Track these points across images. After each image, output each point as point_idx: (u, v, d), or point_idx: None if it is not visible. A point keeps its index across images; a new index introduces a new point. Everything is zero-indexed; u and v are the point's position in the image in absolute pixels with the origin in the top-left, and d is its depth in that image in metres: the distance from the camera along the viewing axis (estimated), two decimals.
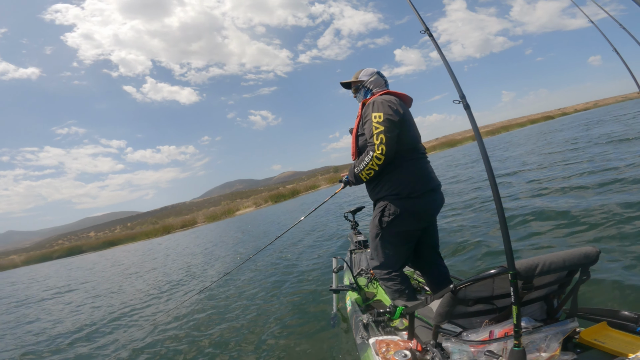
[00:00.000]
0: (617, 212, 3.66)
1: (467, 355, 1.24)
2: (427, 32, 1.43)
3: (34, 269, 31.44)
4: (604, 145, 8.82)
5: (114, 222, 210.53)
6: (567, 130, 18.67)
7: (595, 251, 1.25)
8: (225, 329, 3.34)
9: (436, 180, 2.03)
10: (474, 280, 1.20)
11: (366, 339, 1.80)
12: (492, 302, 1.33)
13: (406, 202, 1.91)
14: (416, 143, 2.02)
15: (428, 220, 2.04)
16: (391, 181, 1.94)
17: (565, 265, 1.20)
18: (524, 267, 1.13)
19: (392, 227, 1.96)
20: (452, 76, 1.28)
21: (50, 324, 5.66)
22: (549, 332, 1.24)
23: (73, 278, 13.33)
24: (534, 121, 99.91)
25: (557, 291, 1.40)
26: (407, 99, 2.08)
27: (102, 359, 3.45)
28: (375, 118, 1.87)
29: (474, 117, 1.24)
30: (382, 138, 1.84)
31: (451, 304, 1.26)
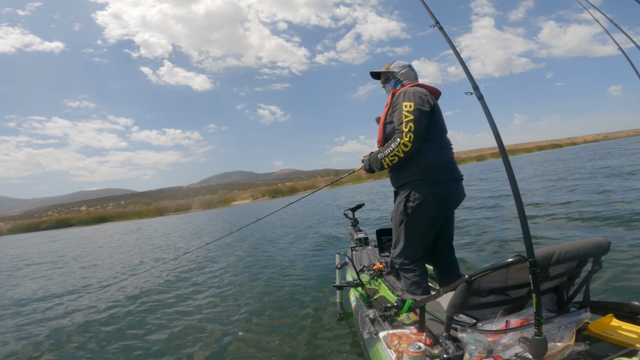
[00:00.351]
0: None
1: (482, 345, 1.22)
2: (437, 26, 1.47)
3: (17, 238, 30.66)
4: (591, 178, 9.44)
5: (107, 199, 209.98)
6: (569, 160, 19.51)
7: (607, 241, 1.27)
8: (224, 324, 3.24)
9: (459, 172, 2.07)
10: (490, 269, 1.22)
11: (374, 333, 1.79)
12: (505, 293, 1.34)
13: (432, 188, 1.94)
14: (443, 133, 2.05)
15: (450, 209, 2.06)
16: (417, 167, 1.97)
17: (579, 254, 1.22)
18: (540, 256, 1.14)
19: (417, 213, 1.99)
20: (465, 68, 1.32)
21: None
22: (562, 323, 1.24)
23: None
24: (541, 148, 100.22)
25: (567, 283, 1.42)
26: (436, 92, 2.11)
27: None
28: (405, 107, 1.91)
29: (488, 108, 1.25)
30: (411, 126, 1.88)
31: (465, 295, 1.27)
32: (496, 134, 1.21)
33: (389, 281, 2.56)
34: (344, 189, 38.65)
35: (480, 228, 5.71)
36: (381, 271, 2.74)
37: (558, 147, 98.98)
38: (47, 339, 3.26)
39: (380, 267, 2.77)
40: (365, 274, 2.89)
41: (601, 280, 2.88)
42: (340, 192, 29.34)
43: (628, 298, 1.54)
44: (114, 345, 3.03)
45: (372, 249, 3.61)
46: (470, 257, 4.20)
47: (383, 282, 2.62)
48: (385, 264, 2.83)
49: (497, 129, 1.22)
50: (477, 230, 5.63)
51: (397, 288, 2.38)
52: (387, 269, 2.77)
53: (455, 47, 1.37)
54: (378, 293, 2.53)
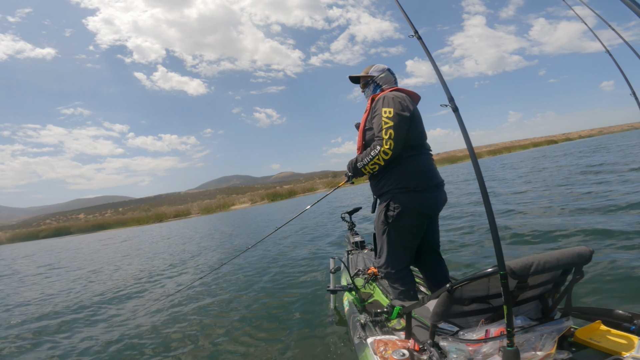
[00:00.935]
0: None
1: (464, 354, 1.24)
2: (416, 36, 1.49)
3: (16, 247, 30.44)
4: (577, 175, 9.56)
5: (105, 206, 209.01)
6: (563, 157, 19.55)
7: (589, 250, 1.27)
8: (216, 326, 3.25)
9: (440, 178, 2.05)
10: (469, 279, 1.23)
11: (364, 338, 1.79)
12: (487, 302, 1.35)
13: (411, 196, 1.92)
14: (422, 140, 2.03)
15: (432, 215, 2.05)
16: (396, 175, 1.95)
17: (559, 265, 1.22)
18: (518, 267, 1.14)
19: (398, 222, 1.97)
20: (442, 80, 1.32)
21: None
22: (544, 331, 1.26)
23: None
24: (536, 144, 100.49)
25: (552, 290, 1.42)
26: (415, 97, 2.10)
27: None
28: (385, 113, 1.88)
29: (462, 120, 1.25)
30: (391, 133, 1.85)
31: (447, 304, 1.28)
32: (469, 147, 1.23)
33: (383, 285, 2.55)
34: (341, 191, 38.59)
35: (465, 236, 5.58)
36: (375, 275, 2.73)
37: (553, 143, 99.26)
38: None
39: (374, 271, 2.76)
40: (360, 278, 2.87)
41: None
42: (337, 194, 29.26)
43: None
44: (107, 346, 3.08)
45: (368, 253, 3.60)
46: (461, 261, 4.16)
47: (377, 286, 2.61)
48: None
49: (471, 143, 1.24)
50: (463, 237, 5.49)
51: (390, 292, 2.35)
52: (381, 273, 2.76)
53: (433, 58, 1.39)
54: (372, 297, 2.52)
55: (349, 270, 2.90)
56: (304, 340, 2.68)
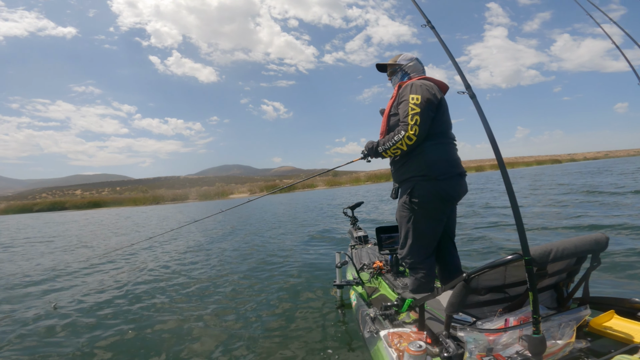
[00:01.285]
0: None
1: (482, 344, 1.22)
2: (429, 25, 1.49)
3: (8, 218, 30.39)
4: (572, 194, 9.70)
5: (103, 184, 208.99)
6: (562, 176, 19.80)
7: (605, 237, 1.28)
8: (216, 317, 3.18)
9: (462, 168, 2.04)
10: (487, 268, 1.21)
11: (375, 332, 1.78)
12: (504, 291, 1.34)
13: (434, 184, 1.91)
14: (448, 129, 2.02)
15: (453, 203, 2.04)
16: (419, 162, 1.94)
17: (577, 251, 1.21)
18: (538, 253, 1.14)
19: (422, 209, 1.96)
20: (457, 68, 1.32)
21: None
22: (562, 320, 1.24)
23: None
24: (540, 162, 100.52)
25: (566, 279, 1.41)
26: (444, 86, 2.08)
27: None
28: (412, 99, 1.88)
29: (480, 107, 1.25)
30: (417, 119, 1.86)
31: (464, 294, 1.26)
32: (488, 132, 1.21)
33: (389, 279, 2.56)
34: (342, 190, 38.61)
35: (480, 232, 5.84)
36: (381, 269, 2.74)
37: (557, 162, 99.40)
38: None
39: (380, 265, 2.77)
40: (365, 272, 2.89)
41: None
42: (337, 193, 29.27)
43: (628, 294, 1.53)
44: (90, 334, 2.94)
45: (371, 247, 3.60)
46: (469, 256, 4.27)
47: (383, 280, 2.61)
48: (385, 262, 2.83)
49: (489, 126, 1.22)
50: (477, 233, 5.75)
51: (397, 286, 2.37)
52: (386, 267, 2.77)
53: (447, 47, 1.38)
54: (378, 291, 2.52)
55: (354, 264, 2.90)
56: (311, 334, 2.65)
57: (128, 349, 2.64)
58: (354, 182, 56.78)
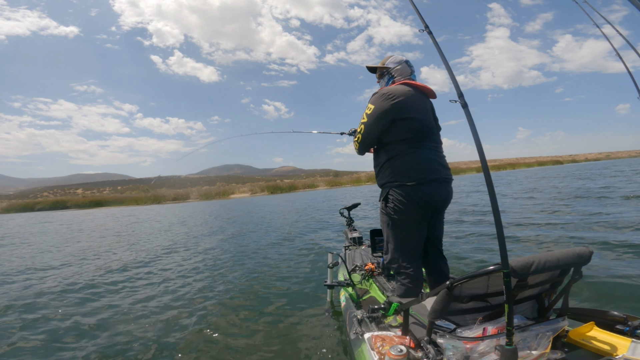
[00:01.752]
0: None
1: (460, 351, 1.24)
2: (427, 30, 1.48)
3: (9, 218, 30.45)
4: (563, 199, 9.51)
5: (104, 183, 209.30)
6: (561, 178, 19.67)
7: (589, 251, 1.28)
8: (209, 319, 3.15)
9: (443, 173, 1.99)
10: (469, 277, 1.22)
11: (360, 334, 1.80)
12: (486, 300, 1.35)
13: (406, 190, 1.91)
14: (425, 133, 1.98)
15: (432, 208, 2.00)
16: (392, 169, 1.96)
17: (559, 264, 1.22)
18: (519, 265, 1.15)
19: (398, 215, 1.96)
20: (452, 75, 1.33)
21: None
22: (540, 330, 1.26)
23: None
24: (542, 163, 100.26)
25: (549, 290, 1.42)
26: (427, 91, 2.06)
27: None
28: (367, 109, 1.97)
29: (471, 117, 1.24)
30: (362, 128, 1.98)
31: (446, 301, 1.28)
32: (477, 143, 1.22)
33: (379, 282, 2.57)
34: (343, 190, 38.59)
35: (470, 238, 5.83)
36: (372, 271, 2.74)
37: (558, 163, 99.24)
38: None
39: (372, 267, 2.77)
40: (357, 273, 2.89)
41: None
42: (338, 193, 29.30)
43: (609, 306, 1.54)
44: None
45: (365, 249, 3.61)
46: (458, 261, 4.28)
47: (374, 282, 2.62)
48: (377, 264, 2.83)
49: (479, 138, 1.23)
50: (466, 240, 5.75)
51: (387, 289, 2.39)
52: (378, 269, 2.77)
53: (444, 54, 1.38)
54: (368, 293, 2.53)
55: (346, 265, 2.90)
56: (299, 334, 2.66)
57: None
58: (355, 183, 56.87)
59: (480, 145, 1.21)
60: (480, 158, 1.21)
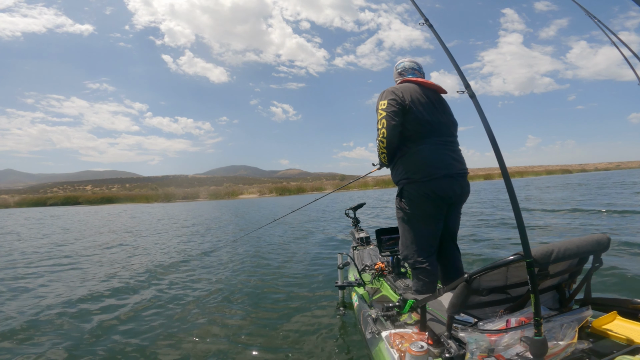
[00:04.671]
0: None
1: (484, 344, 1.21)
2: (427, 24, 1.49)
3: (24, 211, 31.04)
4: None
5: (113, 180, 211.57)
6: (565, 189, 19.13)
7: (607, 238, 1.26)
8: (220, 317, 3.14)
9: (457, 168, 1.99)
10: (488, 268, 1.20)
11: (377, 333, 1.79)
12: (506, 292, 1.33)
13: (419, 186, 1.93)
14: (434, 128, 1.99)
15: (446, 204, 2.00)
16: (403, 165, 2.00)
17: (579, 252, 1.20)
18: (539, 254, 1.12)
19: (411, 210, 2.00)
20: (456, 66, 1.30)
21: None
22: (564, 321, 1.23)
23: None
24: (550, 172, 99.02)
25: (568, 280, 1.40)
26: (433, 87, 2.09)
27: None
28: (381, 106, 1.98)
29: (480, 106, 1.22)
30: (383, 122, 1.95)
31: (465, 294, 1.26)
32: (489, 131, 1.19)
33: (390, 280, 2.57)
34: (350, 194, 38.71)
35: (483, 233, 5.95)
36: (382, 270, 2.75)
37: (567, 172, 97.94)
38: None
39: (381, 266, 2.78)
40: (367, 273, 2.90)
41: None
42: (345, 196, 29.37)
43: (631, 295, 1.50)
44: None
45: (373, 248, 3.61)
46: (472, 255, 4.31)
47: (385, 281, 2.63)
48: (387, 263, 2.84)
49: (489, 126, 1.20)
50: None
51: (398, 287, 2.38)
52: (388, 268, 2.78)
53: (446, 45, 1.37)
54: (380, 292, 2.53)
55: (356, 266, 2.94)
56: (313, 335, 2.64)
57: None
58: (362, 187, 56.94)
59: (491, 132, 1.18)
60: (492, 145, 1.18)
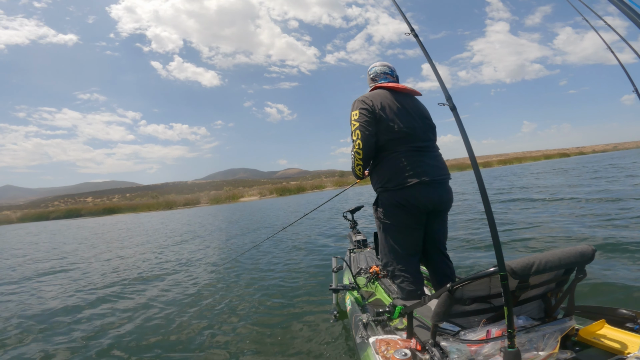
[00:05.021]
0: None
1: (465, 354, 1.23)
2: (412, 34, 1.49)
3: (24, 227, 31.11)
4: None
5: (113, 191, 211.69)
6: (561, 174, 18.85)
7: (591, 249, 1.25)
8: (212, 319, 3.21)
9: (433, 174, 1.90)
10: (470, 279, 1.21)
11: (366, 338, 1.78)
12: (489, 301, 1.33)
13: (392, 194, 1.91)
14: (408, 134, 1.92)
15: (424, 213, 1.94)
16: (378, 174, 1.98)
17: (561, 264, 1.19)
18: (520, 266, 1.12)
19: (388, 219, 1.97)
20: (439, 78, 1.29)
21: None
22: (546, 331, 1.24)
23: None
24: (548, 156, 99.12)
25: (555, 290, 1.40)
26: (407, 90, 2.04)
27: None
28: (353, 116, 1.95)
29: (461, 120, 1.23)
30: (358, 133, 1.90)
31: (448, 303, 1.26)
32: (468, 146, 1.21)
33: (385, 284, 2.56)
34: (350, 190, 38.75)
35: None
36: (377, 274, 2.74)
37: (565, 156, 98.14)
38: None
39: (377, 270, 2.77)
40: (362, 276, 2.89)
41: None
42: (346, 193, 29.42)
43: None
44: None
45: (370, 251, 3.60)
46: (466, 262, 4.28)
47: (379, 285, 2.62)
48: (382, 266, 2.80)
49: (469, 141, 1.21)
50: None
51: (392, 291, 2.37)
52: (383, 271, 2.75)
53: (430, 57, 1.37)
54: (374, 296, 2.52)
55: (351, 269, 2.94)
56: (306, 339, 2.64)
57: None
58: (362, 182, 57.09)
59: (470, 146, 1.21)
60: (470, 158, 1.20)
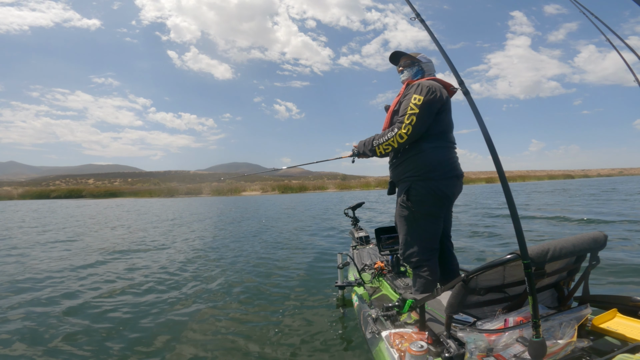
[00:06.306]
0: None
1: (483, 344, 1.21)
2: (418, 19, 1.49)
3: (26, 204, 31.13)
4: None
5: (115, 174, 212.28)
6: (560, 194, 19.14)
7: (604, 235, 1.25)
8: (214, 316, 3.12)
9: (460, 170, 2.06)
10: (484, 268, 1.19)
11: (377, 332, 1.79)
12: (503, 291, 1.33)
13: (430, 183, 1.94)
14: (447, 131, 2.03)
15: (449, 204, 2.07)
16: (415, 163, 1.97)
17: (575, 250, 1.19)
18: (535, 253, 1.11)
19: (419, 209, 1.98)
20: (449, 63, 1.29)
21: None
22: (563, 319, 1.23)
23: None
24: (552, 177, 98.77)
25: (567, 278, 1.39)
26: (450, 90, 2.09)
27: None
28: (414, 99, 1.89)
29: (475, 104, 1.20)
30: (412, 119, 1.87)
31: (462, 294, 1.26)
32: (483, 129, 1.16)
33: (390, 279, 2.57)
34: (352, 194, 38.84)
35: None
36: (382, 270, 2.74)
37: (570, 177, 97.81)
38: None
39: (381, 265, 2.76)
40: (367, 272, 2.89)
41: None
42: (348, 196, 29.52)
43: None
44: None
45: (373, 248, 3.60)
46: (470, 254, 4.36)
47: (385, 280, 2.63)
48: (386, 262, 2.84)
49: (484, 124, 1.16)
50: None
51: (398, 287, 2.38)
52: (388, 267, 2.78)
53: (438, 41, 1.36)
54: (380, 292, 2.52)
55: (356, 265, 2.93)
56: (313, 335, 2.62)
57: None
58: (364, 187, 57.16)
59: (486, 130, 1.15)
60: (487, 144, 1.14)
